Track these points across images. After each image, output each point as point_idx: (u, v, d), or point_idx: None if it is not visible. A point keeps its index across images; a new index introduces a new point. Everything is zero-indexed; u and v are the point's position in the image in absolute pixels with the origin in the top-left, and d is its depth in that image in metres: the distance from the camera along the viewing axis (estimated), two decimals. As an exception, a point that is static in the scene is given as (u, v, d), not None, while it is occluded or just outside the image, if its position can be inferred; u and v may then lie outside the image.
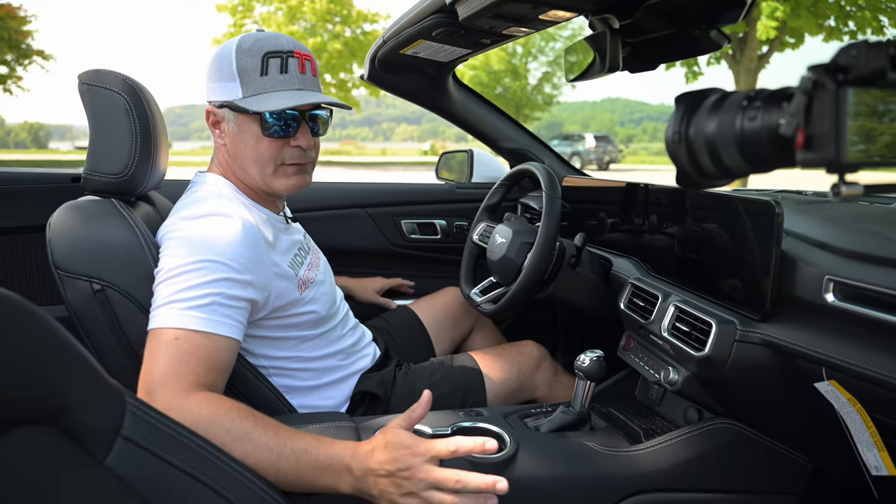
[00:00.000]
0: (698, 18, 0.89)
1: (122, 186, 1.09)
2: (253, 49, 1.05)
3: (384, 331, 1.56)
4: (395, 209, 1.92)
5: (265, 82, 1.05)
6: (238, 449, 0.81)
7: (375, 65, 1.58)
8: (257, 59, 1.05)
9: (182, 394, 0.85)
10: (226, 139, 1.12)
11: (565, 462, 1.04)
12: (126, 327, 1.01)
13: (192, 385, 0.87)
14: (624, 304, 1.25)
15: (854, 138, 0.49)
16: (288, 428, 0.86)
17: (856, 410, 0.88)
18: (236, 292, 0.96)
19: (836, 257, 0.87)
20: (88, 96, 1.09)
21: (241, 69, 1.05)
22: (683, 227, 1.18)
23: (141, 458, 0.69)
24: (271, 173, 1.12)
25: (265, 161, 1.10)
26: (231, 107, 1.07)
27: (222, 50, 1.09)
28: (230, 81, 1.06)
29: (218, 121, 1.12)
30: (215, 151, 1.18)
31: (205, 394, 0.87)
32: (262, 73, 1.05)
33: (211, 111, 1.11)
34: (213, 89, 1.10)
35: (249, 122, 1.08)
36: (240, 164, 1.12)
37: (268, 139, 1.09)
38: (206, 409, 0.84)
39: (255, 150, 1.09)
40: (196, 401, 0.85)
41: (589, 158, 22.29)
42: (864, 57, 0.48)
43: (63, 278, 1.02)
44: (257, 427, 0.84)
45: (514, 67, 25.47)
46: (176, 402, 0.84)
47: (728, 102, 0.57)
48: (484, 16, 1.02)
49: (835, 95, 0.48)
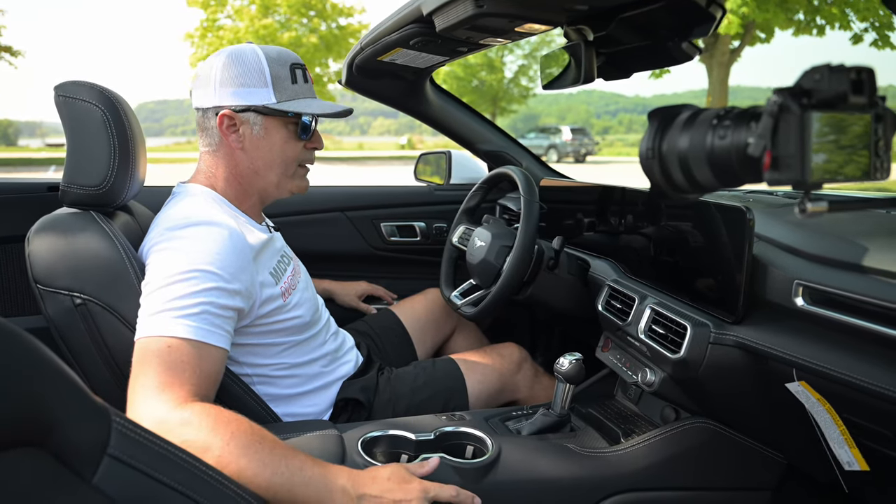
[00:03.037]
0: (671, 31, 0.91)
1: (101, 198, 1.08)
2: (280, 59, 1.13)
3: (366, 334, 1.57)
4: (375, 212, 1.93)
5: (296, 89, 1.13)
6: (234, 462, 0.80)
7: (353, 70, 1.59)
8: (286, 69, 1.13)
9: (181, 403, 0.84)
10: (244, 142, 1.13)
11: (546, 464, 1.06)
12: (108, 340, 1.00)
13: (189, 395, 0.86)
14: (602, 305, 1.27)
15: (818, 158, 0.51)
16: (284, 444, 0.86)
17: (826, 410, 0.91)
18: (226, 301, 0.96)
19: (805, 262, 0.90)
20: (66, 108, 1.08)
21: (275, 77, 1.11)
22: (659, 230, 1.20)
23: (129, 475, 0.69)
24: (291, 175, 1.19)
25: (290, 162, 1.17)
26: (259, 110, 1.10)
27: (243, 57, 1.11)
28: (262, 87, 1.10)
29: (236, 125, 1.12)
30: (207, 160, 1.16)
31: (203, 404, 0.86)
32: (293, 81, 1.13)
33: (229, 115, 1.10)
34: (235, 94, 1.10)
35: (279, 125, 1.13)
36: (254, 168, 1.15)
37: (295, 141, 1.16)
38: (207, 420, 0.83)
39: (282, 152, 1.15)
40: (195, 411, 0.84)
41: (566, 151, 22.43)
42: (827, 81, 0.51)
43: (43, 293, 1.01)
44: (255, 440, 0.83)
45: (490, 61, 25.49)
46: (176, 412, 0.83)
47: (699, 120, 0.59)
48: (461, 27, 1.03)
49: (800, 118, 0.50)
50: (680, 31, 0.91)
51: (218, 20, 19.68)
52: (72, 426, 0.65)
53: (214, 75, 1.11)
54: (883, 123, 0.54)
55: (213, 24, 19.53)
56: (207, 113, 1.13)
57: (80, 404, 0.67)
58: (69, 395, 0.66)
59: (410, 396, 1.31)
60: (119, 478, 0.68)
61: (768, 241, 0.99)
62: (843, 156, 0.53)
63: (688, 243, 1.11)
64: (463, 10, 0.95)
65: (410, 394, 1.32)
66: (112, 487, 0.67)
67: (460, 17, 0.97)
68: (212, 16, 19.63)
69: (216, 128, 1.12)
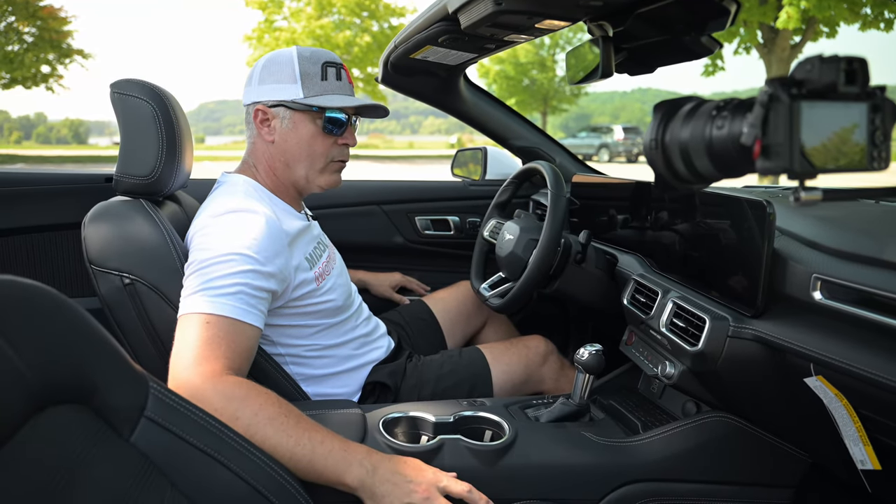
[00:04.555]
0: (687, 26, 0.92)
1: (150, 187, 1.17)
2: (313, 58, 1.19)
3: (397, 324, 1.62)
4: (410, 206, 1.98)
5: (325, 86, 1.18)
6: (261, 431, 0.87)
7: (388, 68, 1.64)
8: (318, 67, 1.18)
9: (216, 375, 0.91)
10: (275, 136, 1.20)
11: (561, 450, 1.08)
12: (153, 318, 1.09)
13: (224, 368, 0.93)
14: (627, 299, 1.28)
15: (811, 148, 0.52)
16: (308, 419, 0.92)
17: (843, 405, 0.90)
18: (261, 283, 1.03)
19: (824, 256, 0.89)
20: (119, 104, 1.17)
21: (304, 73, 1.17)
22: (684, 225, 1.21)
23: (163, 437, 0.77)
24: (319, 169, 1.23)
25: (317, 157, 1.21)
26: (288, 105, 1.17)
27: (279, 57, 1.19)
28: (291, 83, 1.17)
29: (268, 119, 1.20)
30: (249, 151, 1.25)
31: (236, 378, 0.93)
32: (323, 78, 1.18)
33: (262, 110, 1.20)
34: (267, 90, 1.19)
35: (306, 120, 1.19)
36: (286, 161, 1.21)
37: (322, 136, 1.20)
38: (239, 391, 0.90)
39: (309, 146, 1.20)
40: (229, 383, 0.91)
41: (617, 150, 22.01)
42: (819, 71, 0.52)
43: (96, 273, 1.11)
44: (282, 413, 0.90)
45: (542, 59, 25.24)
46: (211, 381, 0.90)
47: (700, 111, 0.60)
48: (483, 24, 1.07)
49: (789, 108, 0.51)
50: (696, 25, 0.92)
51: (275, 21, 20.24)
52: (113, 389, 0.73)
53: (255, 74, 1.21)
54: (881, 114, 0.54)
55: (270, 25, 20.10)
56: (249, 109, 1.22)
57: (121, 370, 0.75)
58: (111, 361, 0.73)
59: (435, 383, 1.35)
60: (153, 438, 0.75)
61: (791, 236, 0.98)
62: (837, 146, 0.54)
63: (710, 237, 1.11)
64: (484, 8, 0.99)
65: (436, 380, 1.36)
66: (146, 445, 0.74)
67: (482, 15, 1.01)
68: (269, 17, 20.21)
69: (253, 122, 1.21)
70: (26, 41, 18.56)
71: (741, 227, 1.01)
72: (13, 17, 18.01)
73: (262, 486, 0.82)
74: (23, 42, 18.50)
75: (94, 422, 0.70)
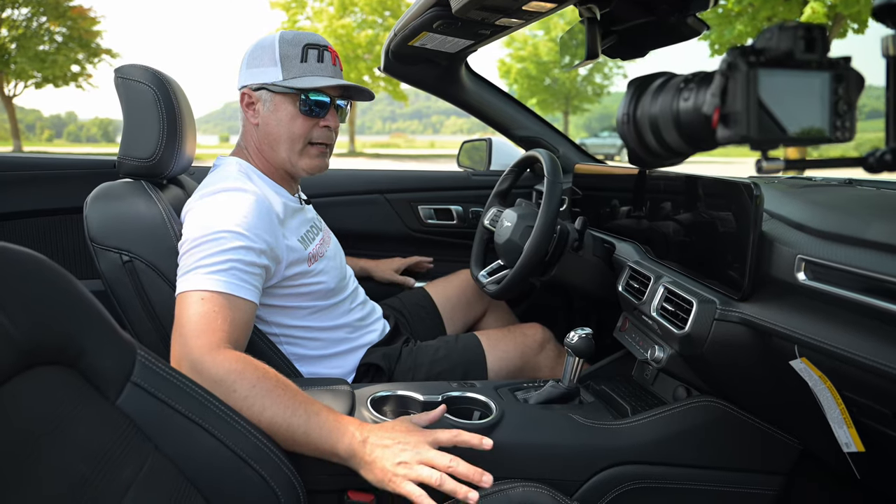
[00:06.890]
0: (670, 6, 0.92)
1: (152, 170, 1.21)
2: (294, 40, 1.20)
3: (397, 310, 1.63)
4: (413, 195, 2.00)
5: (304, 68, 1.19)
6: (258, 403, 0.90)
7: (390, 56, 1.66)
8: (298, 49, 1.19)
9: (214, 348, 0.94)
10: (259, 119, 1.23)
11: (547, 431, 1.09)
12: (151, 294, 1.12)
13: (222, 341, 0.96)
14: (622, 286, 1.28)
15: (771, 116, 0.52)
16: (304, 393, 0.95)
17: (827, 388, 0.90)
18: (252, 259, 1.06)
19: (810, 238, 0.88)
20: (122, 88, 1.21)
21: (283, 56, 1.19)
22: (678, 211, 1.20)
23: (148, 402, 0.79)
24: (299, 151, 1.24)
25: (296, 138, 1.22)
26: (269, 88, 1.20)
27: (263, 41, 1.23)
28: (271, 66, 1.19)
29: (252, 102, 1.23)
30: (241, 134, 1.29)
31: (234, 351, 0.96)
32: (302, 59, 1.19)
33: (246, 93, 1.23)
34: (251, 74, 1.22)
35: (286, 102, 1.21)
36: (269, 143, 1.24)
37: (302, 118, 1.22)
38: (237, 364, 0.92)
39: (288, 128, 1.22)
40: (227, 356, 0.94)
41: (639, 150, 21.72)
42: (777, 39, 0.52)
43: (97, 250, 1.15)
44: (278, 386, 0.92)
45: (564, 58, 25.03)
46: (210, 355, 0.93)
47: (669, 85, 0.61)
48: (472, 8, 1.08)
49: (746, 76, 0.52)
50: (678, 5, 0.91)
51: (298, 21, 20.45)
52: (99, 354, 0.75)
53: (243, 60, 1.25)
54: (845, 83, 0.54)
55: (294, 25, 20.31)
56: (239, 93, 1.25)
57: (108, 336, 0.78)
58: (98, 327, 0.76)
59: (429, 367, 1.37)
60: (139, 402, 0.78)
61: (779, 219, 0.97)
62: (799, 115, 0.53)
63: (701, 222, 1.10)
64: (469, -11, 1.00)
65: (430, 364, 1.37)
66: (132, 409, 0.77)
67: (470, -3, 1.02)
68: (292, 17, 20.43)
69: (241, 105, 1.25)
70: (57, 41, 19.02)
71: (730, 210, 1.01)
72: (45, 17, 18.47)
73: (245, 453, 0.84)
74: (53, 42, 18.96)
75: (81, 384, 0.73)
